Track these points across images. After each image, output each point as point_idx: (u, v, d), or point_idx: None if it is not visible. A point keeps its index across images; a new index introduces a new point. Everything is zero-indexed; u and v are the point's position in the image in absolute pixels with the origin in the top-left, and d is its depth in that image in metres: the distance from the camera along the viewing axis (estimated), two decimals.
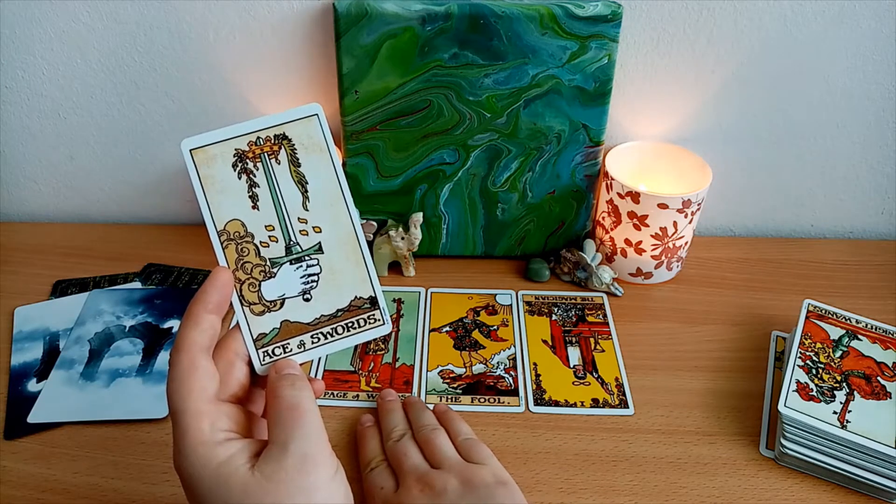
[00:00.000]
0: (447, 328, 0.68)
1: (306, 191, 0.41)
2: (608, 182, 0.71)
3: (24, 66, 0.73)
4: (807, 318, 0.63)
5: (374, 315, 0.42)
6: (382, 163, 0.71)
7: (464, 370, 0.64)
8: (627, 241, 0.71)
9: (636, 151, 0.74)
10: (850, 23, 0.68)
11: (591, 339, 0.67)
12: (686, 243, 0.72)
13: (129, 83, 0.73)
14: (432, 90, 0.67)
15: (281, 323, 0.41)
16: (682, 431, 0.58)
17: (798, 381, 0.57)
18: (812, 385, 0.57)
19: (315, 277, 0.41)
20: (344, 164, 0.71)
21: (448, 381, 0.63)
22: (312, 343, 0.42)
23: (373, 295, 0.42)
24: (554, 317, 0.70)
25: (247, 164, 0.40)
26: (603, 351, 0.66)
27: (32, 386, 0.61)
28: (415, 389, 0.62)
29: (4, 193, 0.83)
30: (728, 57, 0.70)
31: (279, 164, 0.40)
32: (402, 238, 0.72)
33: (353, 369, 0.63)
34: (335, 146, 0.41)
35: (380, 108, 0.68)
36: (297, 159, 0.40)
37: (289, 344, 0.41)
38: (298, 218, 0.41)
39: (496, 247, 0.76)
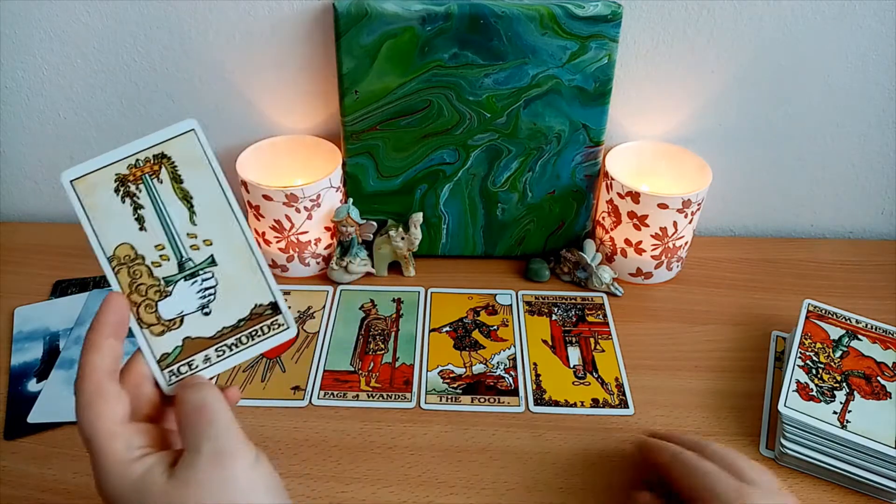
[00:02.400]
0: (447, 328, 0.68)
1: (192, 206, 0.41)
2: (608, 182, 0.71)
3: (24, 66, 0.73)
4: (807, 318, 0.63)
5: (277, 320, 0.42)
6: (382, 163, 0.71)
7: (464, 370, 0.64)
8: (627, 241, 0.71)
9: (636, 151, 0.74)
10: (850, 22, 0.68)
11: (591, 339, 0.67)
12: (686, 243, 0.72)
13: (129, 83, 0.73)
14: (432, 90, 0.67)
15: (183, 340, 0.41)
16: (682, 431, 0.58)
17: (798, 381, 0.57)
18: (812, 385, 0.57)
19: (212, 290, 0.41)
20: (344, 164, 0.71)
21: (448, 381, 0.63)
22: (217, 356, 0.41)
23: (273, 300, 0.42)
24: (554, 317, 0.70)
25: (129, 187, 0.40)
26: (603, 351, 0.66)
27: (32, 386, 0.61)
28: (415, 389, 0.62)
29: (4, 193, 0.83)
30: (728, 57, 0.70)
31: (162, 183, 0.40)
32: (402, 238, 0.72)
33: (352, 369, 0.63)
34: (216, 159, 0.41)
35: (380, 108, 0.68)
36: (180, 176, 0.40)
37: (193, 360, 0.41)
38: (187, 234, 0.41)
39: (496, 247, 0.76)
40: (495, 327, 0.68)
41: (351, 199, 0.72)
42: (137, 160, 0.40)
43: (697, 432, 0.58)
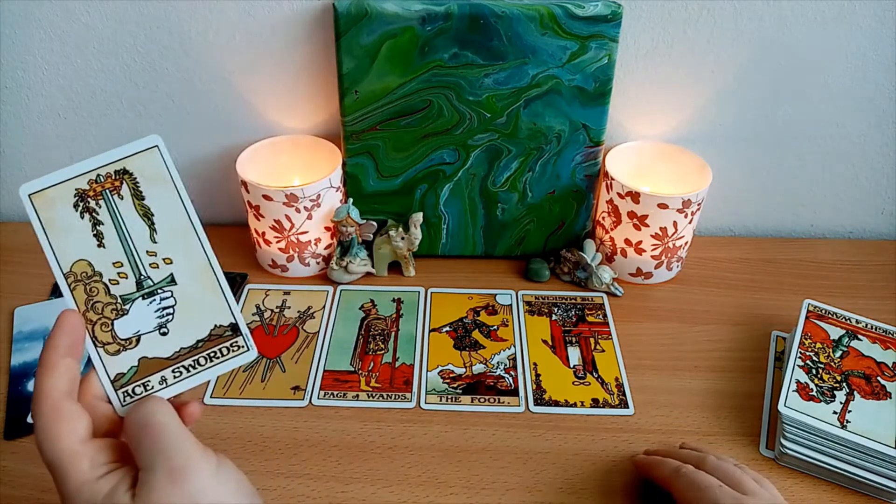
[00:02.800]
0: (447, 328, 0.68)
1: (153, 223, 0.40)
2: (608, 182, 0.71)
3: (24, 66, 0.73)
4: (807, 318, 0.63)
5: (236, 342, 0.41)
6: (382, 163, 0.71)
7: (464, 370, 0.64)
8: (627, 241, 0.71)
9: (636, 151, 0.74)
10: (849, 23, 0.68)
11: (591, 339, 0.67)
12: (686, 243, 0.72)
13: (129, 83, 0.73)
14: (432, 90, 0.67)
15: (139, 360, 0.40)
16: (682, 431, 0.58)
17: (798, 381, 0.57)
18: (812, 385, 0.57)
19: (170, 310, 0.40)
20: (344, 164, 0.71)
21: (448, 381, 0.63)
22: (175, 378, 0.40)
23: (233, 321, 0.41)
24: (554, 317, 0.70)
25: (88, 202, 0.39)
26: (603, 351, 0.66)
27: (32, 386, 0.61)
28: (415, 389, 0.62)
29: (4, 193, 0.83)
30: (728, 57, 0.70)
31: (122, 199, 0.39)
32: (402, 238, 0.72)
33: (352, 369, 0.63)
34: (179, 176, 0.40)
35: (380, 108, 0.68)
36: (141, 192, 0.40)
37: (149, 381, 0.40)
38: (147, 251, 0.40)
39: (496, 247, 0.76)
40: (495, 327, 0.68)
41: (351, 199, 0.72)
42: (98, 175, 0.39)
43: (697, 432, 0.58)
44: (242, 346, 0.41)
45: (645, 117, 0.74)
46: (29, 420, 0.57)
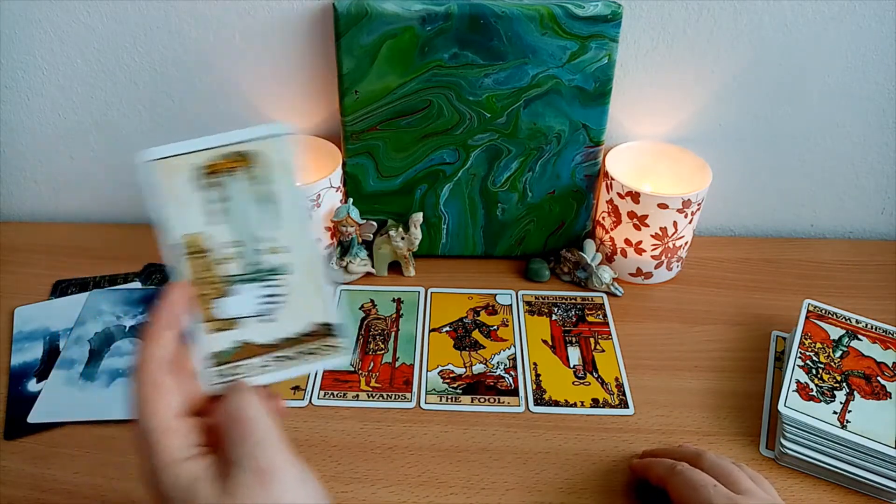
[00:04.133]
0: (447, 328, 0.68)
1: (270, 210, 0.39)
2: (608, 182, 0.71)
3: (24, 66, 0.73)
4: (807, 318, 0.63)
5: (332, 343, 0.40)
6: (382, 163, 0.71)
7: (464, 370, 0.64)
8: (627, 241, 0.71)
9: (636, 151, 0.74)
10: (849, 23, 0.68)
11: (591, 339, 0.67)
12: (686, 243, 0.72)
13: (129, 83, 0.73)
14: (432, 90, 0.67)
15: (236, 343, 0.40)
16: (682, 431, 0.58)
17: (798, 381, 0.57)
18: (812, 385, 0.57)
19: (274, 299, 0.40)
20: (344, 164, 0.71)
21: (448, 381, 0.63)
22: (267, 367, 0.40)
23: (332, 322, 0.41)
24: (554, 317, 0.70)
25: (210, 178, 0.39)
26: (603, 351, 0.66)
27: (32, 386, 0.61)
28: (415, 389, 0.62)
29: (4, 193, 0.83)
30: (728, 57, 0.70)
31: (243, 181, 0.39)
32: (402, 238, 0.72)
33: (352, 369, 0.63)
34: (298, 169, 0.40)
35: (380, 108, 0.68)
36: (262, 178, 0.39)
37: (242, 365, 0.40)
38: (259, 237, 0.39)
39: (496, 247, 0.76)
40: (495, 327, 0.68)
41: (351, 199, 0.72)
42: (224, 153, 0.39)
43: (697, 432, 0.58)
44: (337, 349, 0.41)
45: (645, 117, 0.74)
46: (29, 420, 0.57)
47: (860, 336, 0.61)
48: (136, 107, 0.75)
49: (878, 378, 0.58)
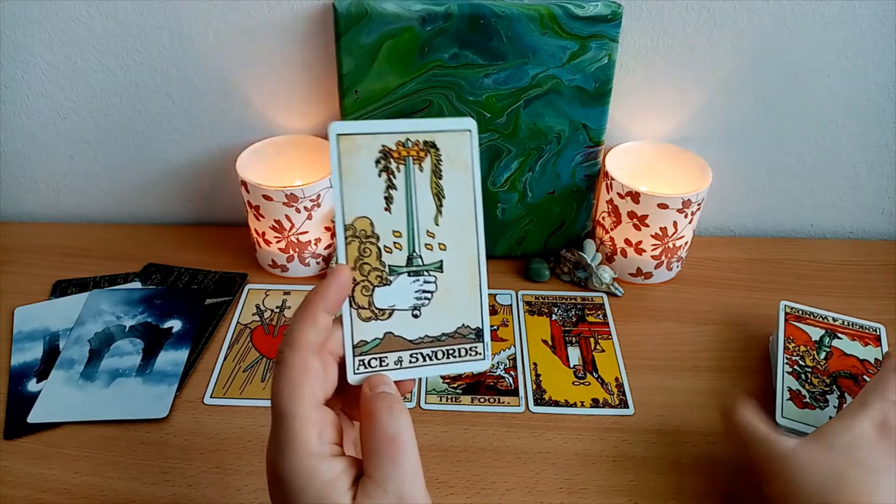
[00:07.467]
0: None
1: (441, 205, 0.39)
2: (608, 182, 0.71)
3: (24, 66, 0.73)
4: (786, 320, 0.62)
5: (476, 347, 0.40)
6: None
7: None
8: (627, 241, 0.71)
9: (636, 151, 0.74)
10: (850, 23, 0.68)
11: (591, 339, 0.67)
12: (686, 243, 0.72)
13: (129, 83, 0.73)
14: (432, 90, 0.67)
15: (384, 334, 0.39)
16: (682, 431, 0.58)
17: (790, 389, 0.57)
18: (804, 391, 0.57)
19: (429, 295, 0.39)
20: None
21: (448, 380, 0.63)
22: (410, 362, 0.39)
23: (480, 327, 0.40)
24: (554, 317, 0.70)
25: (390, 163, 0.38)
26: (603, 351, 0.66)
27: (32, 386, 0.61)
28: (414, 389, 0.62)
29: (4, 193, 0.83)
30: (728, 57, 0.70)
31: (422, 171, 0.38)
32: None
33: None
34: (479, 168, 0.39)
35: (380, 108, 0.68)
36: (441, 171, 0.39)
37: (387, 357, 0.39)
38: (427, 231, 0.39)
39: (496, 247, 0.76)
40: (495, 327, 0.68)
41: None
42: (408, 140, 0.38)
43: (698, 432, 0.58)
44: (479, 354, 0.40)
45: (645, 117, 0.74)
46: (28, 420, 0.57)
47: (839, 334, 0.61)
48: (136, 107, 0.75)
49: (864, 377, 0.58)
